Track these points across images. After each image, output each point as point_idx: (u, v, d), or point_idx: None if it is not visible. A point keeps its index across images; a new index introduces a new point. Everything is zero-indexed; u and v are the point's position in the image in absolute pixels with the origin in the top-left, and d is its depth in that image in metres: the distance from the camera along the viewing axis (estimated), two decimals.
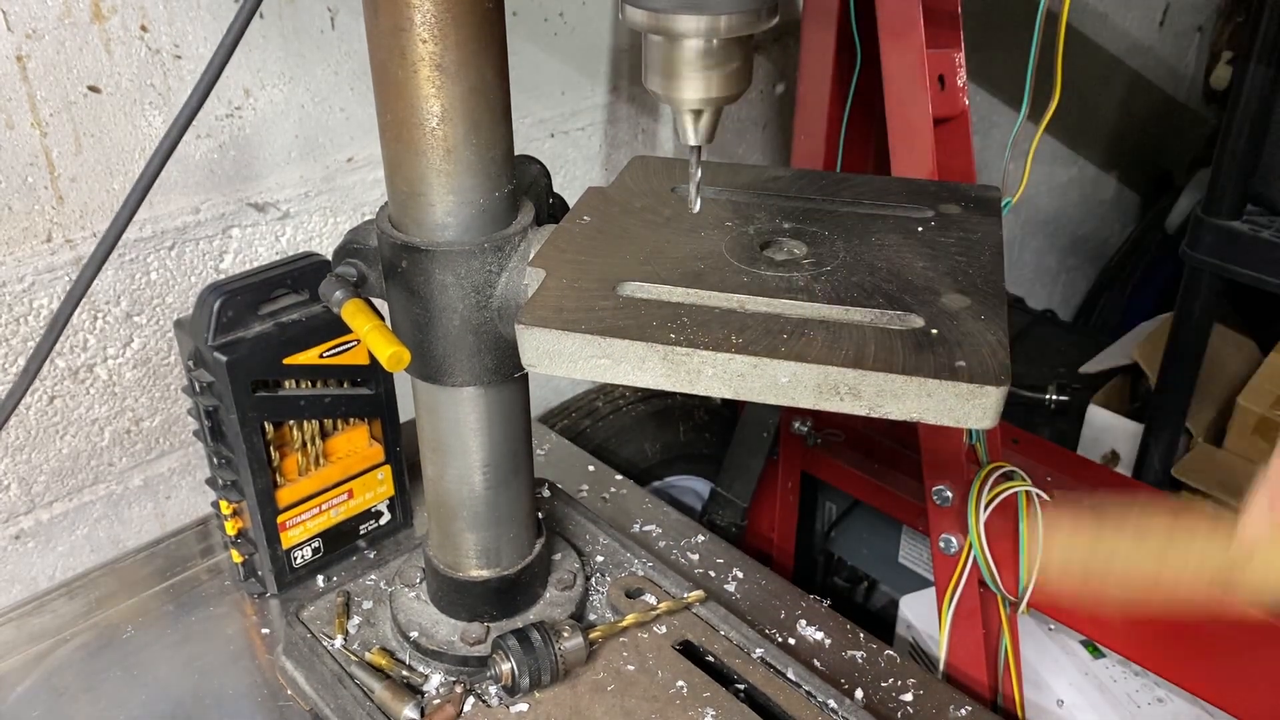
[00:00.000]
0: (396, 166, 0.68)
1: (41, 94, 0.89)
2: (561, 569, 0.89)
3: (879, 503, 1.40)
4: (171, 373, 1.05)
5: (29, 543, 1.02)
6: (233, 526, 0.92)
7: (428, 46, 0.62)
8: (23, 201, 0.91)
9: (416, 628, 0.84)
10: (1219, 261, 1.50)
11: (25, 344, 0.94)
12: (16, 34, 0.86)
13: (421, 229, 0.69)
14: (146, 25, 0.93)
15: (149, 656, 0.89)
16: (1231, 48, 2.70)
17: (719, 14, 0.53)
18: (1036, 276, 2.64)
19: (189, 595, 0.95)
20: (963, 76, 1.16)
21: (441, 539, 0.83)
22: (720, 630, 0.85)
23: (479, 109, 0.65)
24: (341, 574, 0.96)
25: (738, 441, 1.50)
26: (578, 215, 0.72)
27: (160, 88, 0.95)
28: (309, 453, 0.91)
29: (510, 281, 0.69)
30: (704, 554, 1.01)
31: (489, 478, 0.79)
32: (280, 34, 1.02)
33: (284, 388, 0.88)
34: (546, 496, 1.03)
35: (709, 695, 0.79)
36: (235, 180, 1.04)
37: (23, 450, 0.98)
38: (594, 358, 0.59)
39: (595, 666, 0.81)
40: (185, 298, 1.03)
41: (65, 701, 0.84)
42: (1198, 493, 1.62)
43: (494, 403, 0.76)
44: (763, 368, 0.56)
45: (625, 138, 1.41)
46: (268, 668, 0.87)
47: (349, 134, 1.11)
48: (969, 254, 0.68)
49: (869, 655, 0.88)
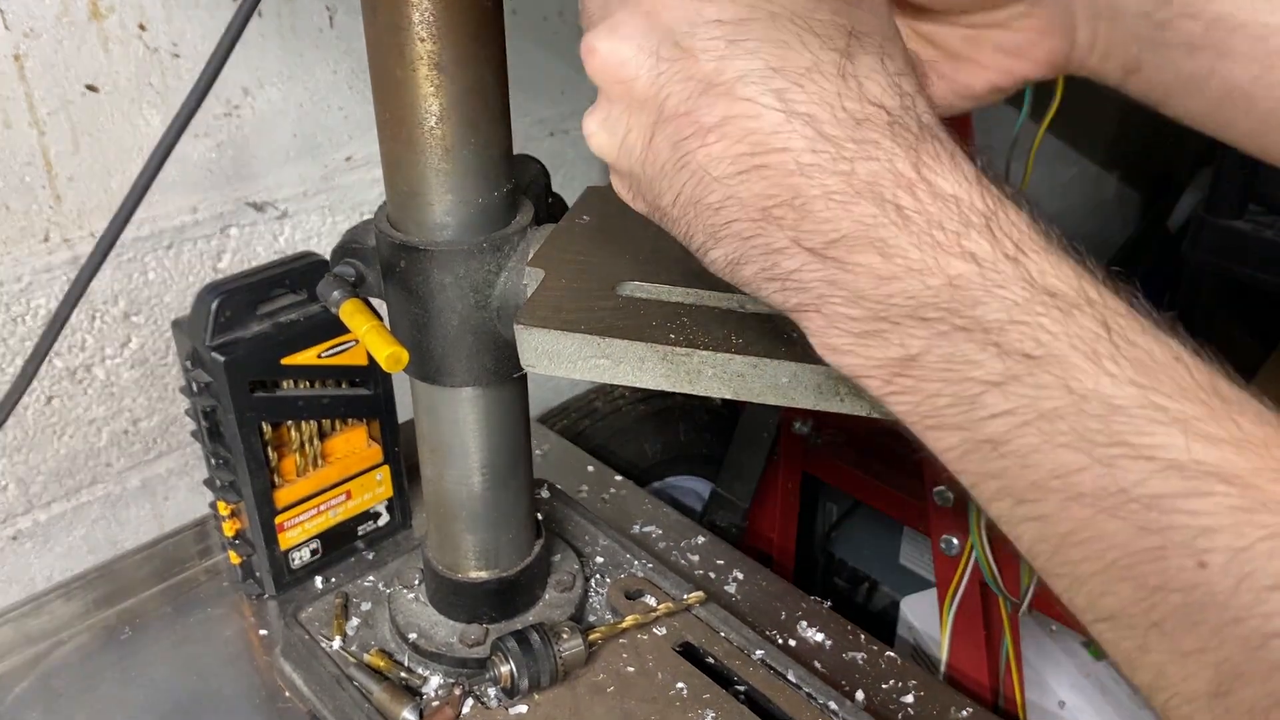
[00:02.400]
0: (395, 166, 0.68)
1: (39, 93, 0.88)
2: (561, 570, 0.89)
3: (880, 503, 1.40)
4: (169, 373, 1.05)
5: (26, 543, 1.02)
6: (230, 527, 0.91)
7: (426, 45, 0.62)
8: (20, 201, 0.90)
9: (415, 629, 0.84)
10: (1221, 261, 1.49)
11: (23, 344, 0.94)
12: (14, 33, 0.85)
13: (420, 229, 0.69)
14: (145, 24, 0.92)
15: (147, 658, 0.88)
16: None
17: None
18: None
19: (187, 596, 0.95)
20: None
21: (440, 540, 0.83)
22: (720, 632, 0.85)
23: (478, 108, 0.65)
24: (340, 575, 0.95)
25: (738, 442, 1.50)
26: (577, 215, 0.72)
27: (158, 86, 0.95)
28: (307, 453, 0.91)
29: (509, 281, 0.69)
30: (704, 555, 1.00)
31: (488, 478, 0.78)
32: (279, 33, 1.01)
33: (282, 388, 0.87)
34: (546, 497, 1.02)
35: (709, 697, 0.79)
36: (233, 179, 1.03)
37: (20, 451, 0.98)
38: (593, 358, 0.58)
39: (595, 668, 0.81)
40: (183, 297, 1.03)
41: (63, 703, 0.84)
42: None
43: (493, 403, 0.75)
44: (763, 368, 0.55)
45: None
46: (266, 669, 0.87)
47: (347, 133, 1.11)
48: None
49: (870, 657, 0.88)
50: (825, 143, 0.37)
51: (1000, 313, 0.36)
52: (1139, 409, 0.34)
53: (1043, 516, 0.36)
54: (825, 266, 0.38)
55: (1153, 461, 0.34)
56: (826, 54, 0.38)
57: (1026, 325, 0.36)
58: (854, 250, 0.37)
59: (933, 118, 0.40)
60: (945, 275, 0.36)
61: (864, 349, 0.39)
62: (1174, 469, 0.33)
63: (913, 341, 0.37)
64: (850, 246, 0.37)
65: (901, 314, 0.37)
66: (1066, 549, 0.36)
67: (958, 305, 0.36)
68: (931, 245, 0.36)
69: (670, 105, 0.40)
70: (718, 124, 0.39)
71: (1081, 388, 0.35)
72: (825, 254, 0.38)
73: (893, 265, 0.37)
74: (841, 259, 0.38)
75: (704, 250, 0.42)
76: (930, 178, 0.37)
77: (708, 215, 0.41)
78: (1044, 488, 0.36)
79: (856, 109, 0.38)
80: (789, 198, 0.38)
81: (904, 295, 0.37)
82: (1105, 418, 0.34)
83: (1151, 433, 0.34)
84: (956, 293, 0.36)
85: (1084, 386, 0.35)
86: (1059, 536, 0.36)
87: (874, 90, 0.38)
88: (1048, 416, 0.35)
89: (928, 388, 0.38)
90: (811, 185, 0.37)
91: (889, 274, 0.37)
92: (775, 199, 0.38)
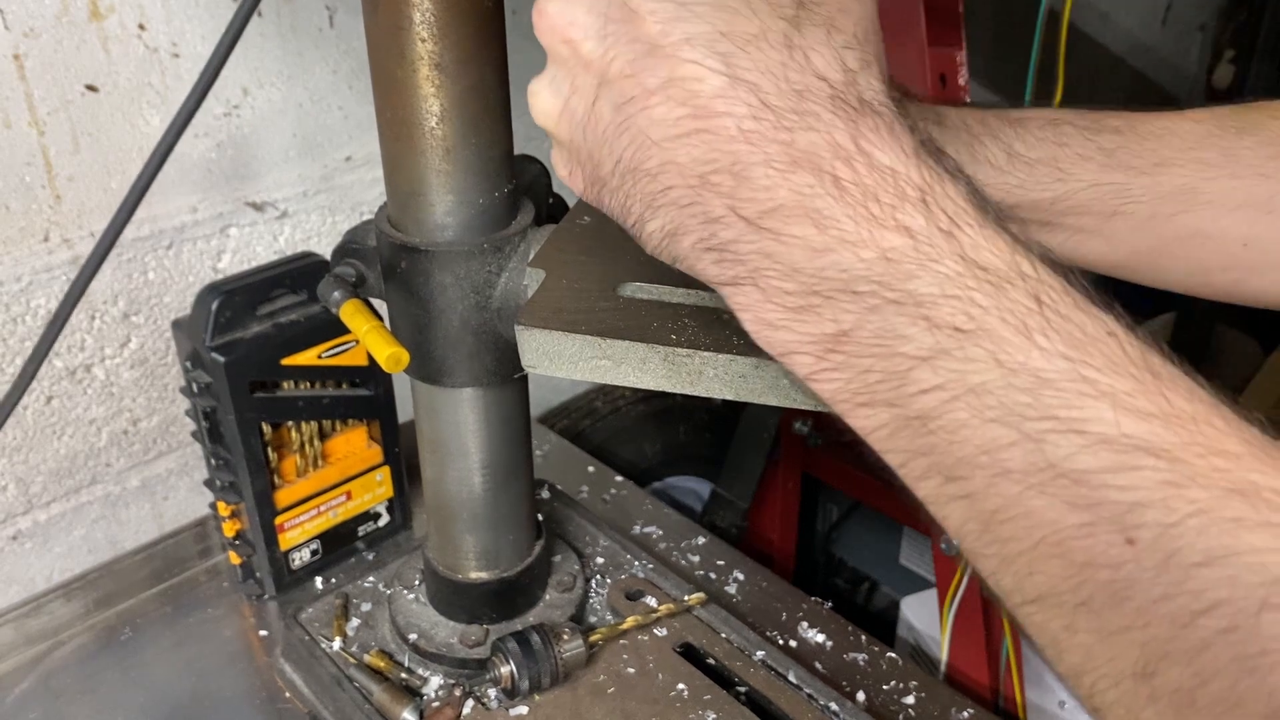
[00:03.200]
0: (395, 166, 0.68)
1: (39, 93, 0.88)
2: (561, 571, 0.89)
3: (880, 504, 1.40)
4: (169, 373, 1.05)
5: (26, 544, 1.02)
6: (230, 528, 0.91)
7: (427, 45, 0.62)
8: (20, 201, 0.90)
9: (415, 630, 0.83)
10: None
11: (23, 344, 0.94)
12: (14, 32, 0.85)
13: (420, 229, 0.68)
14: (144, 24, 0.92)
15: (147, 658, 0.88)
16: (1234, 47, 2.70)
17: None
18: None
19: (187, 597, 0.95)
20: (964, 75, 1.16)
21: (440, 541, 0.83)
22: (721, 632, 0.85)
23: (478, 108, 0.65)
24: (340, 576, 0.95)
25: (738, 442, 1.50)
26: (577, 215, 0.72)
27: (158, 86, 0.95)
28: (307, 454, 0.91)
29: (510, 282, 0.69)
30: (705, 555, 1.00)
31: (488, 479, 0.78)
32: (279, 32, 1.01)
33: (282, 388, 0.87)
34: (546, 498, 1.02)
35: (710, 698, 0.79)
36: (233, 179, 1.03)
37: (20, 451, 0.97)
38: (594, 359, 0.58)
39: (595, 669, 0.81)
40: (183, 298, 1.03)
41: (63, 703, 0.84)
42: None
43: (493, 404, 0.75)
44: (765, 369, 0.55)
45: None
46: (266, 670, 0.87)
47: (347, 133, 1.11)
48: None
49: (871, 657, 0.88)
50: (767, 111, 0.37)
51: (932, 286, 0.36)
52: (1068, 382, 0.34)
53: (970, 495, 0.36)
54: (761, 237, 0.38)
55: (1082, 435, 0.33)
56: (775, 22, 0.38)
57: (958, 300, 0.35)
58: (789, 221, 0.37)
59: (876, 93, 0.39)
60: (879, 248, 0.36)
61: (798, 324, 0.38)
62: (1103, 443, 0.33)
63: (845, 316, 0.37)
64: (786, 217, 0.37)
65: (834, 288, 0.37)
66: (994, 527, 0.35)
67: (890, 279, 0.36)
68: (866, 218, 0.36)
69: (615, 67, 0.39)
70: (660, 86, 0.38)
71: (1011, 361, 0.34)
72: (760, 224, 0.38)
73: (826, 237, 0.37)
74: (777, 230, 0.37)
75: (641, 223, 0.42)
76: (869, 149, 0.37)
77: (645, 182, 0.40)
78: (972, 464, 0.35)
79: (799, 80, 0.38)
80: (728, 164, 0.38)
81: (837, 268, 0.37)
82: (1034, 391, 0.34)
83: (1081, 406, 0.33)
84: (890, 266, 0.36)
85: (1014, 360, 0.34)
86: (987, 514, 0.35)
87: (818, 63, 0.38)
88: (976, 391, 0.35)
89: (859, 364, 0.38)
90: (752, 152, 0.37)
91: (823, 246, 0.37)
92: (714, 164, 0.38)
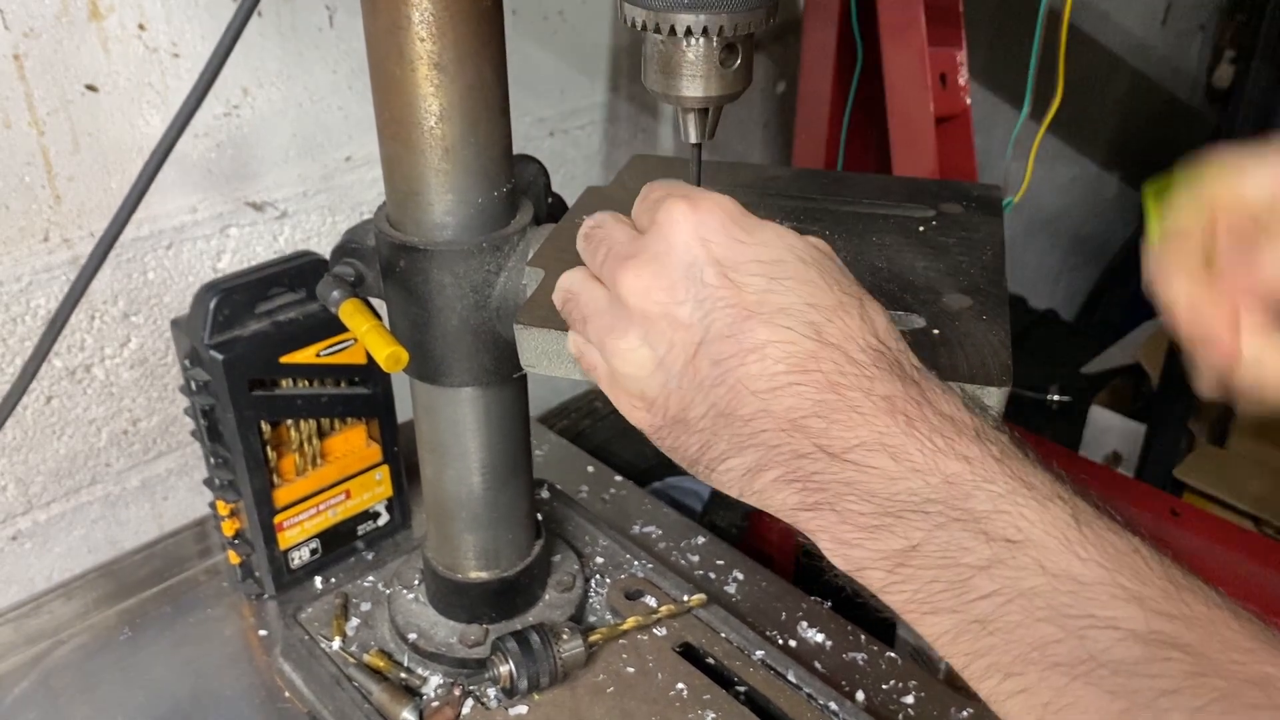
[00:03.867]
0: (394, 165, 0.68)
1: (39, 93, 0.88)
2: (561, 571, 0.89)
3: None
4: (169, 373, 1.05)
5: (26, 544, 1.02)
6: (230, 527, 0.91)
7: (426, 45, 0.62)
8: (20, 201, 0.90)
9: (415, 629, 0.83)
10: None
11: (23, 344, 0.94)
12: (14, 32, 0.85)
13: (420, 228, 0.68)
14: (144, 24, 0.92)
15: (146, 658, 0.88)
16: (1234, 46, 2.70)
17: (719, 11, 0.53)
18: (1038, 276, 2.63)
19: (186, 597, 0.95)
20: (964, 75, 1.16)
21: (440, 540, 0.83)
22: (721, 632, 0.85)
23: (477, 108, 0.65)
24: (339, 575, 0.95)
25: None
26: (576, 215, 0.72)
27: (158, 86, 0.95)
28: (306, 453, 0.91)
29: (509, 281, 0.69)
30: (704, 555, 1.00)
31: (488, 479, 0.78)
32: (278, 32, 1.01)
33: (281, 387, 0.87)
34: (546, 497, 1.02)
35: (709, 698, 0.79)
36: (233, 179, 1.03)
37: (20, 451, 0.97)
38: None
39: (595, 669, 0.81)
40: (183, 297, 1.03)
41: (62, 703, 0.84)
42: (1200, 494, 1.62)
43: (493, 403, 0.75)
44: None
45: (625, 136, 1.41)
46: (265, 669, 0.87)
47: (347, 133, 1.11)
48: (970, 254, 0.68)
49: (870, 657, 0.88)
50: (852, 366, 0.45)
51: (987, 503, 0.42)
52: (1103, 586, 0.39)
53: (1027, 690, 0.40)
54: (844, 469, 0.44)
55: (1116, 630, 0.38)
56: (848, 297, 0.47)
57: (1009, 514, 0.41)
58: (870, 454, 0.44)
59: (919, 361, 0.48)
60: (943, 474, 0.43)
61: (871, 541, 0.44)
62: (1134, 638, 0.38)
63: (915, 532, 0.43)
64: (868, 451, 0.44)
65: (905, 508, 0.43)
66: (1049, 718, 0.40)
67: (953, 498, 0.42)
68: (933, 450, 0.43)
69: (716, 328, 0.47)
70: (758, 346, 0.46)
71: (1055, 568, 0.40)
72: (845, 458, 0.44)
73: (900, 466, 0.43)
74: (859, 462, 0.44)
75: (722, 458, 0.48)
76: (932, 399, 0.45)
77: (738, 425, 0.46)
78: (1026, 660, 0.40)
79: (873, 342, 0.46)
80: (820, 410, 0.44)
81: (909, 492, 0.43)
82: (1075, 594, 0.40)
83: (1115, 606, 0.39)
84: (951, 488, 0.42)
85: (1057, 566, 0.40)
86: (1041, 706, 0.40)
87: (882, 332, 0.47)
88: (1027, 594, 0.40)
89: (925, 574, 0.43)
90: (840, 401, 0.44)
91: (898, 474, 0.43)
92: (805, 411, 0.45)
